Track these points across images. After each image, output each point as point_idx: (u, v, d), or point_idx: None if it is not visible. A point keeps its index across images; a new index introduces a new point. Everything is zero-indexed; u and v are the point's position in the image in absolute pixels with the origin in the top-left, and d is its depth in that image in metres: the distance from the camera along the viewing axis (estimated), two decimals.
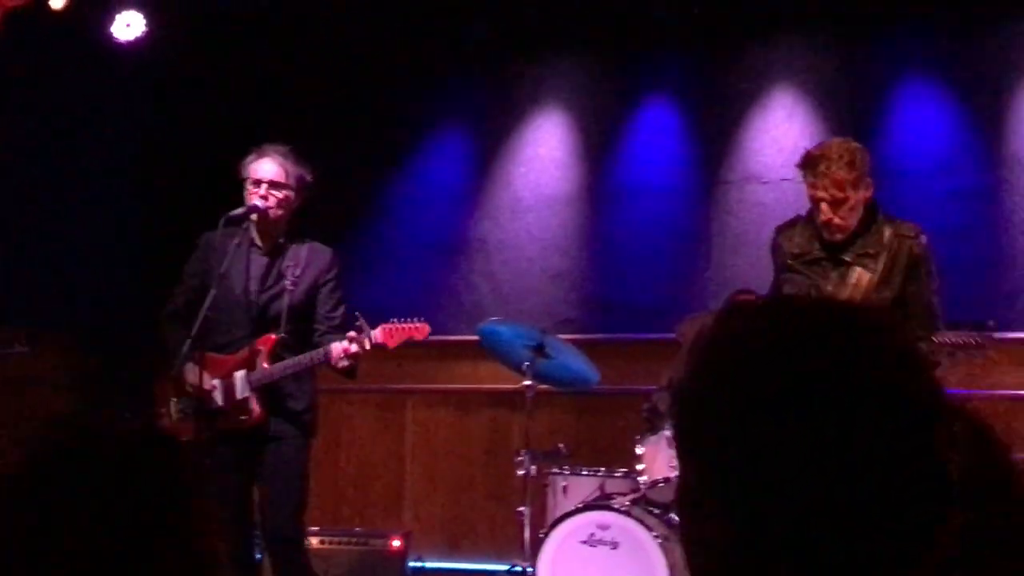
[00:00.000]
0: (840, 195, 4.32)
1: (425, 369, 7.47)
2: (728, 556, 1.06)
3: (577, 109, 7.45)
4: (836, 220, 4.34)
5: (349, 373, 4.90)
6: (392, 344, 4.88)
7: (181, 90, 8.03)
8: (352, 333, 4.78)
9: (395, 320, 4.94)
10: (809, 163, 4.39)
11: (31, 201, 7.30)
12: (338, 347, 4.75)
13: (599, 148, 7.39)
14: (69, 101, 7.49)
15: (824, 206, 4.34)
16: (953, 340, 4.13)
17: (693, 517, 1.10)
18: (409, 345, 7.02)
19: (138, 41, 7.37)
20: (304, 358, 4.79)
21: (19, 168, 7.19)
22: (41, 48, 6.91)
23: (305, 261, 4.91)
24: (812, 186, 4.38)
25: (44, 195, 7.39)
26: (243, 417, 4.77)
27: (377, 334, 4.82)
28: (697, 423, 1.09)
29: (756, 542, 1.03)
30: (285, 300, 4.85)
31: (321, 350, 4.80)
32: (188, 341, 4.65)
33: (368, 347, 4.78)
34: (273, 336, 4.82)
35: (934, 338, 4.22)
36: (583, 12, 7.25)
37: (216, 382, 4.79)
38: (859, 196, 4.36)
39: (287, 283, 4.84)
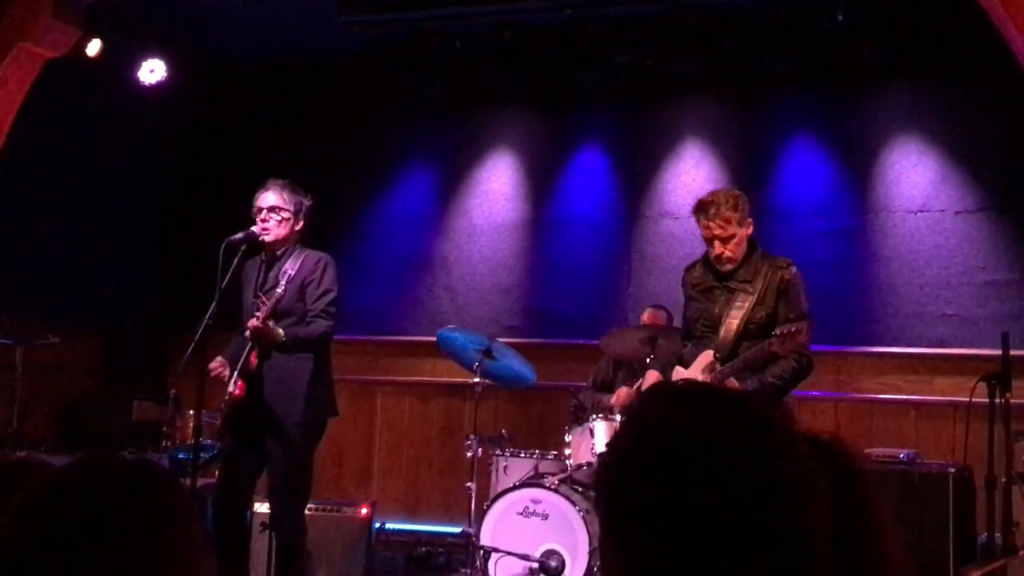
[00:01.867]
0: (728, 231, 4.40)
1: (392, 364, 7.48)
2: None
3: (523, 153, 7.48)
4: (726, 253, 4.43)
5: (286, 346, 4.62)
6: (268, 312, 4.58)
7: (195, 126, 8.02)
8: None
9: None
10: (702, 208, 4.46)
11: (63, 216, 7.28)
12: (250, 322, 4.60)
13: (541, 185, 7.41)
14: (100, 133, 7.47)
15: (716, 242, 4.42)
16: (781, 331, 4.20)
17: (604, 564, 1.12)
18: (379, 345, 7.27)
19: (160, 84, 7.35)
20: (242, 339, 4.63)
21: (54, 188, 7.19)
22: (76, 87, 6.88)
23: (299, 266, 4.76)
24: (706, 227, 4.45)
25: (75, 211, 7.37)
26: (227, 396, 4.64)
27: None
28: (609, 485, 1.11)
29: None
30: (273, 299, 4.66)
31: None
32: (193, 345, 4.52)
33: (260, 319, 4.55)
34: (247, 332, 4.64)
35: (775, 331, 4.27)
36: (530, 74, 7.26)
37: (225, 371, 4.69)
38: (742, 232, 4.45)
39: (280, 287, 4.65)
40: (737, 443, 1.05)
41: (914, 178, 6.58)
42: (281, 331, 4.59)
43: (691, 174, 7.03)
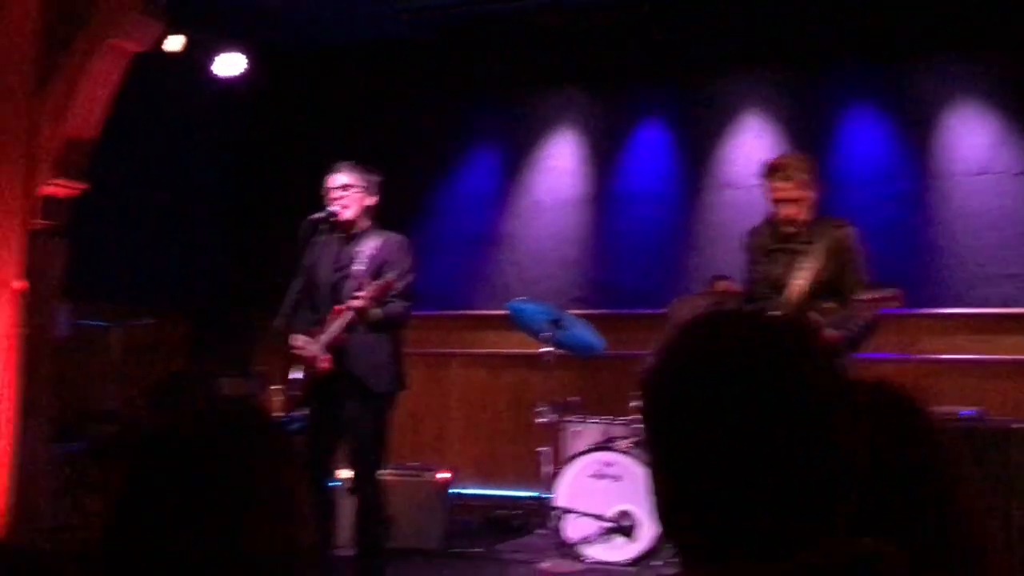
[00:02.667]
0: (797, 195, 4.38)
1: (464, 337, 7.55)
2: (668, 502, 1.10)
3: (584, 130, 7.46)
4: (795, 215, 4.40)
5: (371, 327, 4.66)
6: (375, 293, 4.58)
7: (267, 115, 8.13)
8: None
9: (374, 282, 4.65)
10: (774, 170, 4.44)
11: (151, 204, 7.45)
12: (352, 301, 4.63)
13: (602, 161, 7.38)
14: (180, 124, 7.63)
15: (786, 204, 4.40)
16: (869, 297, 4.17)
17: (650, 470, 1.13)
18: (452, 319, 7.22)
19: (234, 77, 7.47)
20: (343, 318, 4.66)
21: (141, 179, 7.34)
22: (157, 82, 7.00)
23: (379, 247, 4.77)
24: (776, 189, 4.42)
25: (161, 199, 7.52)
26: (316, 369, 4.67)
27: (370, 285, 4.63)
28: (652, 402, 1.12)
29: (684, 494, 1.07)
30: (354, 278, 4.69)
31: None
32: (284, 318, 4.66)
33: (366, 298, 4.56)
34: (336, 307, 4.68)
35: (853, 299, 4.23)
36: (587, 54, 7.26)
37: (314, 348, 4.71)
38: (811, 195, 4.43)
39: (359, 265, 4.69)
40: (770, 361, 1.05)
41: (973, 141, 6.47)
42: (379, 310, 4.64)
43: (751, 145, 6.98)
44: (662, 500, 1.10)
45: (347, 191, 4.80)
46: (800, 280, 4.36)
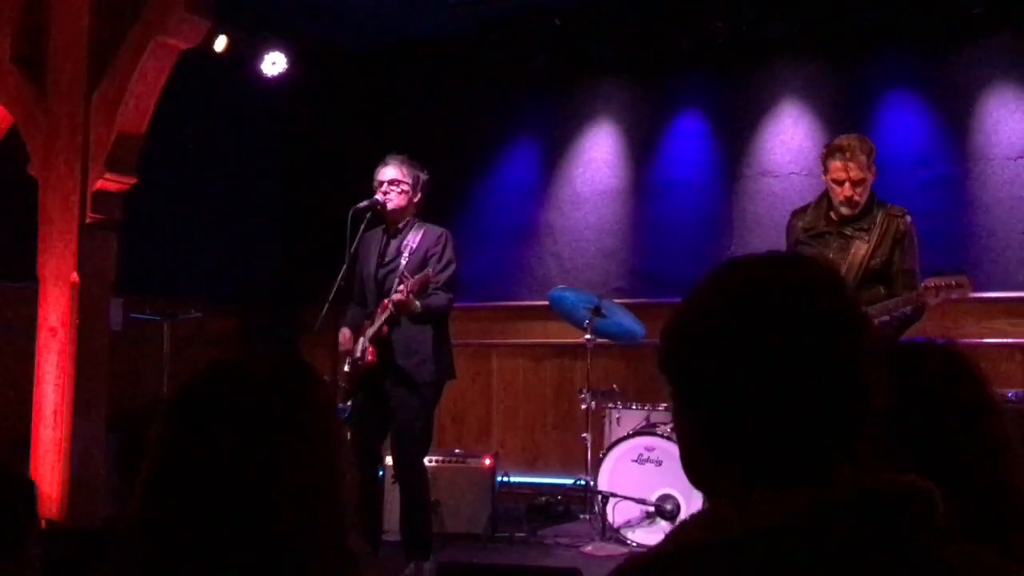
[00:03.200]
0: (860, 176, 4.32)
1: (506, 327, 7.54)
2: (692, 442, 1.12)
3: (623, 121, 7.41)
4: (855, 196, 4.33)
5: (414, 319, 4.66)
6: (416, 287, 4.57)
7: (314, 113, 8.17)
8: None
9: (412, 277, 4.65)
10: (837, 150, 4.37)
11: (198, 200, 7.50)
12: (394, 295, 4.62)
13: (641, 151, 7.33)
14: (227, 122, 7.70)
15: (847, 184, 4.33)
16: (937, 283, 4.10)
17: (674, 415, 1.15)
18: (493, 311, 7.21)
19: (280, 75, 7.52)
20: (386, 312, 4.67)
21: (189, 176, 7.40)
22: (206, 79, 7.08)
23: (420, 240, 4.80)
24: (838, 169, 4.33)
25: (208, 196, 7.58)
26: (362, 362, 4.72)
27: (410, 281, 4.61)
28: (677, 342, 1.13)
29: (709, 431, 1.08)
30: (397, 273, 4.76)
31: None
32: (323, 310, 4.66)
33: (406, 293, 4.55)
34: (385, 300, 4.70)
35: (918, 286, 4.17)
36: (626, 44, 7.19)
37: (360, 341, 4.77)
38: (870, 178, 4.37)
39: (402, 259, 4.75)
40: (791, 304, 1.06)
41: (1013, 125, 6.35)
42: (418, 303, 4.62)
43: (789, 132, 6.90)
44: (686, 441, 1.12)
45: (395, 186, 4.83)
46: (851, 266, 4.27)
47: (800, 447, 1.03)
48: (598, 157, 7.49)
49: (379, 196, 4.84)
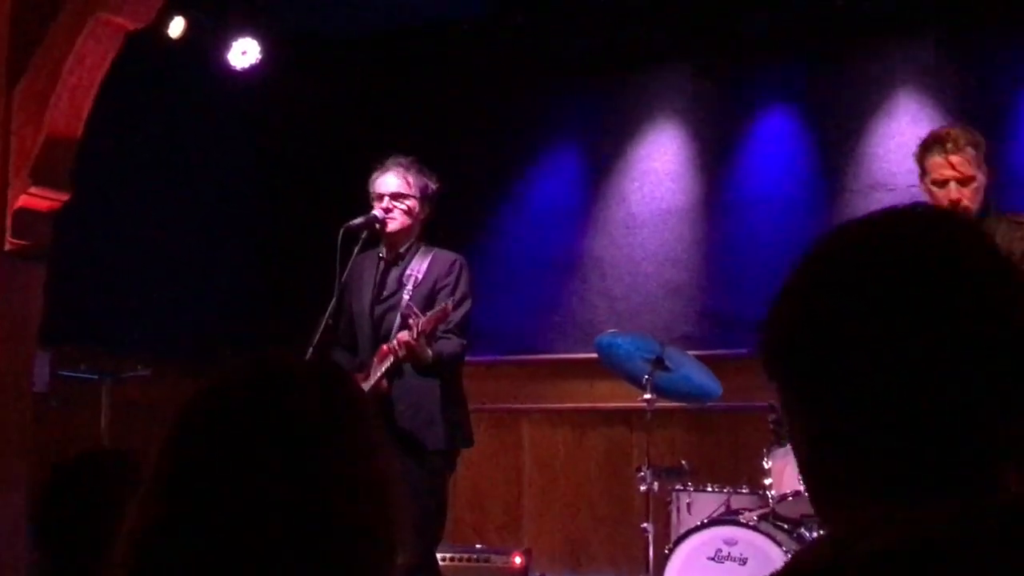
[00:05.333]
0: (968, 172, 4.31)
1: (540, 388, 7.53)
2: (815, 452, 1.13)
3: (691, 120, 7.42)
4: (963, 200, 4.31)
5: (422, 370, 4.69)
6: (428, 325, 4.60)
7: (296, 112, 8.22)
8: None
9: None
10: (936, 142, 4.38)
11: (149, 224, 7.46)
12: (400, 336, 4.62)
13: (715, 159, 7.34)
14: (186, 124, 7.73)
15: (952, 185, 4.32)
16: None
17: (785, 423, 1.24)
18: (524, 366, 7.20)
19: (253, 68, 7.51)
20: (387, 361, 4.69)
21: (138, 192, 7.39)
22: (158, 72, 7.12)
23: (427, 268, 4.85)
24: (940, 165, 4.34)
25: (162, 217, 7.55)
26: None
27: (425, 318, 4.59)
28: (791, 329, 1.15)
29: (836, 435, 1.09)
30: (399, 310, 4.79)
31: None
32: (311, 349, 4.66)
33: (415, 335, 4.57)
34: (384, 347, 4.73)
35: None
36: (693, 21, 7.26)
37: None
38: (981, 178, 4.36)
39: (405, 293, 4.79)
40: (950, 266, 1.09)
41: None
42: (430, 350, 4.64)
43: (906, 134, 6.78)
44: (806, 450, 1.14)
45: (399, 202, 4.87)
46: None
47: (962, 445, 1.04)
48: (658, 167, 7.48)
49: (378, 211, 4.87)
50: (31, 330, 4.64)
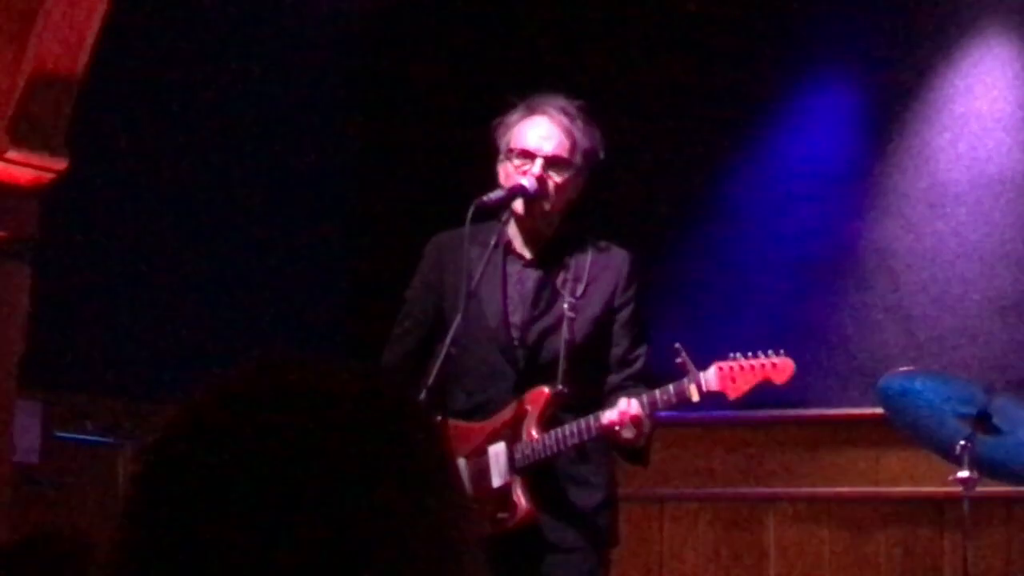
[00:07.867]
0: None
1: (794, 462, 7.38)
2: None
3: None
4: None
5: (633, 454, 4.94)
6: (735, 393, 4.79)
7: (402, 53, 8.59)
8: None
9: (737, 355, 4.81)
10: None
11: (194, 211, 7.65)
12: (620, 405, 4.70)
13: None
14: (251, 70, 7.95)
15: None
16: None
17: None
18: (765, 428, 7.49)
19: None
20: (580, 424, 4.78)
21: (163, 163, 7.55)
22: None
23: (589, 273, 4.96)
24: None
25: (203, 205, 7.72)
26: (501, 515, 4.85)
27: (710, 377, 4.74)
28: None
29: None
30: (563, 334, 4.88)
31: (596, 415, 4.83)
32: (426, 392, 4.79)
33: (695, 397, 4.75)
34: (546, 390, 4.84)
35: None
36: None
37: (462, 462, 4.86)
38: None
39: (566, 307, 4.90)
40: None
41: None
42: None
43: None
44: None
45: (556, 171, 4.92)
46: None
47: None
48: (984, 111, 7.18)
49: (525, 180, 4.88)
50: (7, 364, 5.07)
